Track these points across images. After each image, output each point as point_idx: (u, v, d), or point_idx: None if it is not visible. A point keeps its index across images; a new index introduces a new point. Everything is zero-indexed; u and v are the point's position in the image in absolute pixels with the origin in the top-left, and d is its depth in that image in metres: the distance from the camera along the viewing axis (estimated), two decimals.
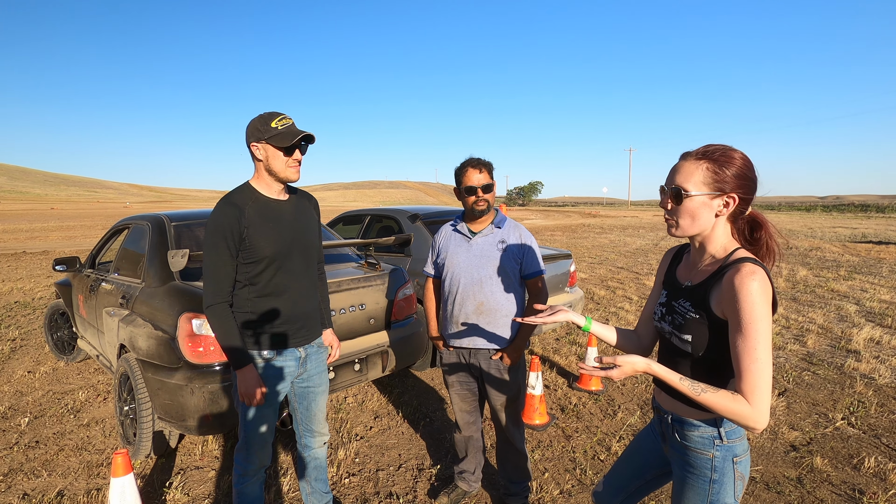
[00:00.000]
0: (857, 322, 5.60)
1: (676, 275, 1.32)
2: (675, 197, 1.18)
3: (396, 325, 3.34)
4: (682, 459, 1.25)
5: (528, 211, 61.03)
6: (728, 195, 1.15)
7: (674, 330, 1.24)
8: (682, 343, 1.22)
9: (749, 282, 1.06)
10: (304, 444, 2.12)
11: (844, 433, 3.07)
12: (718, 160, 1.14)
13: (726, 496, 1.19)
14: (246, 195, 1.82)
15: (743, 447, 1.20)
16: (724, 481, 1.19)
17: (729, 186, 1.14)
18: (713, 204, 1.16)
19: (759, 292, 1.05)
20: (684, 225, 1.19)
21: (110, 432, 3.18)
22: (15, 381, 4.07)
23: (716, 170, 1.14)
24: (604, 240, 17.04)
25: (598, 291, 7.62)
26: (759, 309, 1.04)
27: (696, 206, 1.16)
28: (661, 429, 1.36)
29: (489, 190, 2.11)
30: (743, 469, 1.20)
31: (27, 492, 2.54)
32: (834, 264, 10.21)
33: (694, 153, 1.18)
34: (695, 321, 1.18)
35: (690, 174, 1.16)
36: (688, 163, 1.17)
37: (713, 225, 1.18)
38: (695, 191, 1.15)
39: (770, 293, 1.07)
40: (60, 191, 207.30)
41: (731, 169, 1.13)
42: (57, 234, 20.38)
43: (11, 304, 7.03)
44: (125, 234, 3.70)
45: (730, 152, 1.15)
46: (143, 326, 2.70)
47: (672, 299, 1.28)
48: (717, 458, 1.19)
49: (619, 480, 1.51)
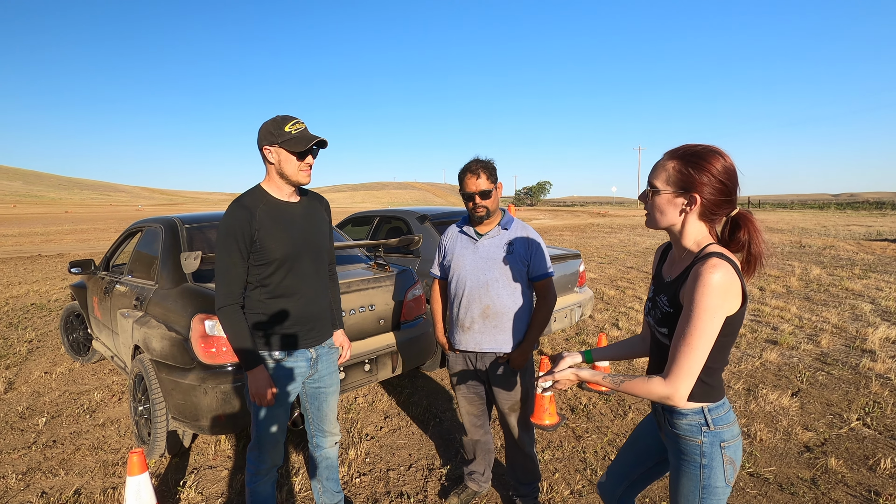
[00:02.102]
0: (872, 321, 5.51)
1: (662, 271, 1.38)
2: (648, 192, 1.26)
3: (406, 325, 3.36)
4: (674, 447, 1.30)
5: (536, 211, 60.83)
6: (690, 195, 1.19)
7: (655, 324, 1.31)
8: (661, 336, 1.29)
9: (708, 274, 1.10)
10: (315, 443, 2.13)
11: (860, 434, 3.02)
12: (688, 161, 1.19)
13: (717, 480, 1.24)
14: (257, 198, 1.84)
15: (731, 433, 1.25)
16: (713, 466, 1.23)
17: (693, 187, 1.18)
18: (677, 202, 1.21)
19: (715, 285, 1.09)
20: (654, 217, 1.27)
21: (125, 432, 3.23)
22: (32, 382, 4.15)
23: (681, 169, 1.19)
24: (613, 239, 16.94)
25: (608, 291, 7.58)
26: (709, 300, 1.09)
27: (663, 202, 1.23)
28: (656, 418, 1.42)
29: (487, 196, 2.05)
30: (732, 454, 1.24)
31: (45, 490, 2.59)
32: (848, 263, 10.05)
33: (670, 152, 1.24)
34: (669, 315, 1.24)
35: (660, 172, 1.23)
36: (662, 160, 1.24)
37: (682, 221, 1.23)
38: (661, 187, 1.22)
39: (730, 288, 1.11)
40: (74, 194, 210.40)
41: (698, 170, 1.17)
42: (71, 237, 20.71)
43: (28, 307, 7.16)
44: (138, 237, 3.76)
45: (704, 154, 1.18)
46: (156, 328, 2.74)
47: (656, 294, 1.33)
48: (706, 443, 1.23)
49: (622, 468, 1.55)
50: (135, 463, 1.93)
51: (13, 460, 2.90)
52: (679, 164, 1.19)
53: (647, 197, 1.27)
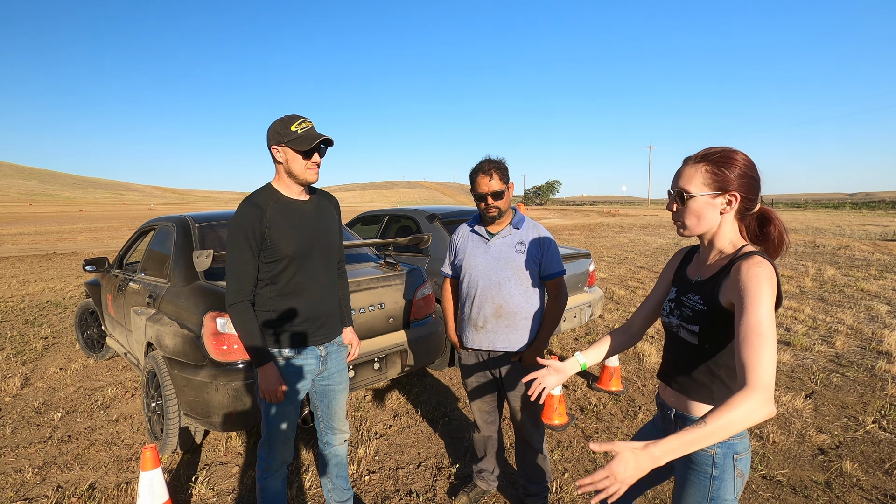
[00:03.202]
0: (888, 323, 5.42)
1: (687, 272, 1.38)
2: (679, 199, 1.25)
3: (415, 324, 3.36)
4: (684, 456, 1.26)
5: (545, 210, 60.58)
6: (730, 193, 1.20)
7: (682, 322, 1.29)
8: (689, 335, 1.27)
9: (756, 268, 1.11)
10: (325, 441, 2.15)
11: (875, 437, 2.97)
12: (717, 161, 1.20)
13: (726, 493, 1.21)
14: (268, 196, 1.86)
15: (744, 445, 1.23)
16: (724, 478, 1.21)
17: (730, 185, 1.19)
18: (716, 203, 1.21)
19: (765, 276, 1.09)
20: (691, 225, 1.25)
21: (138, 428, 3.28)
22: (48, 378, 4.22)
23: (715, 171, 1.20)
24: (623, 239, 16.82)
25: (618, 291, 7.53)
26: (764, 289, 1.08)
27: (700, 206, 1.22)
28: (664, 424, 1.40)
29: (500, 197, 2.05)
30: (743, 466, 1.23)
31: (60, 484, 2.63)
32: (864, 263, 9.89)
33: (694, 157, 1.24)
34: (703, 312, 1.23)
35: (692, 177, 1.22)
36: (688, 167, 1.24)
37: (719, 223, 1.24)
38: (697, 192, 1.22)
39: (776, 283, 1.11)
40: (88, 193, 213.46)
41: (731, 169, 1.19)
42: (85, 236, 21.02)
43: (43, 304, 7.28)
44: (151, 236, 3.81)
45: (729, 153, 1.20)
46: (169, 325, 2.77)
47: (682, 294, 1.33)
48: (718, 454, 1.21)
49: None
50: (148, 458, 1.95)
51: (29, 454, 2.95)
52: (710, 165, 1.20)
53: (678, 204, 1.26)
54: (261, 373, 1.81)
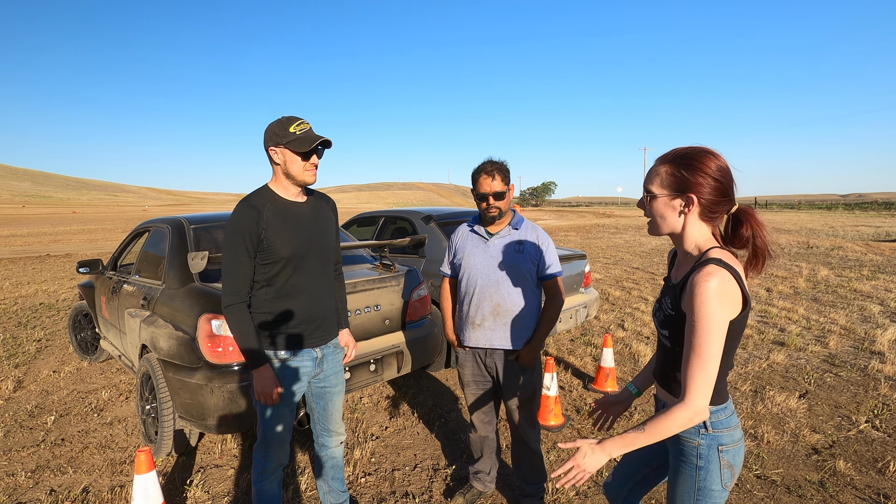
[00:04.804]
0: (881, 323, 5.46)
1: (671, 273, 1.39)
2: (646, 199, 1.26)
3: (411, 325, 3.36)
4: (674, 447, 1.32)
5: (541, 211, 60.70)
6: (687, 195, 1.19)
7: (658, 325, 1.32)
8: (664, 339, 1.30)
9: (704, 282, 1.10)
10: (321, 443, 2.14)
11: (868, 436, 3.00)
12: (679, 163, 1.19)
13: (712, 483, 1.24)
14: (264, 197, 1.85)
15: (731, 438, 1.25)
16: (709, 468, 1.24)
17: (689, 188, 1.18)
18: (675, 204, 1.21)
19: (712, 292, 1.09)
20: (654, 224, 1.27)
21: (133, 430, 3.26)
22: (41, 381, 4.19)
23: (674, 172, 1.19)
24: (619, 240, 16.88)
25: (614, 292, 7.55)
26: (708, 308, 1.09)
27: (660, 206, 1.23)
28: None
29: (501, 197, 2.09)
30: (731, 458, 1.25)
31: (54, 488, 2.61)
32: (857, 264, 9.97)
33: (661, 157, 1.25)
34: (671, 318, 1.25)
35: (654, 177, 1.24)
36: (655, 166, 1.25)
37: (683, 224, 1.23)
38: (657, 192, 1.23)
39: (728, 295, 1.11)
40: (82, 195, 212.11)
41: (691, 171, 1.17)
42: (79, 238, 20.88)
43: (36, 306, 7.22)
44: (146, 237, 3.78)
45: (694, 154, 1.19)
46: (163, 327, 2.76)
47: (662, 296, 1.34)
48: (702, 445, 1.25)
49: (628, 469, 1.57)
50: (142, 461, 1.94)
51: (22, 458, 2.92)
52: (671, 167, 1.20)
53: (645, 204, 1.27)
54: (256, 375, 1.81)
